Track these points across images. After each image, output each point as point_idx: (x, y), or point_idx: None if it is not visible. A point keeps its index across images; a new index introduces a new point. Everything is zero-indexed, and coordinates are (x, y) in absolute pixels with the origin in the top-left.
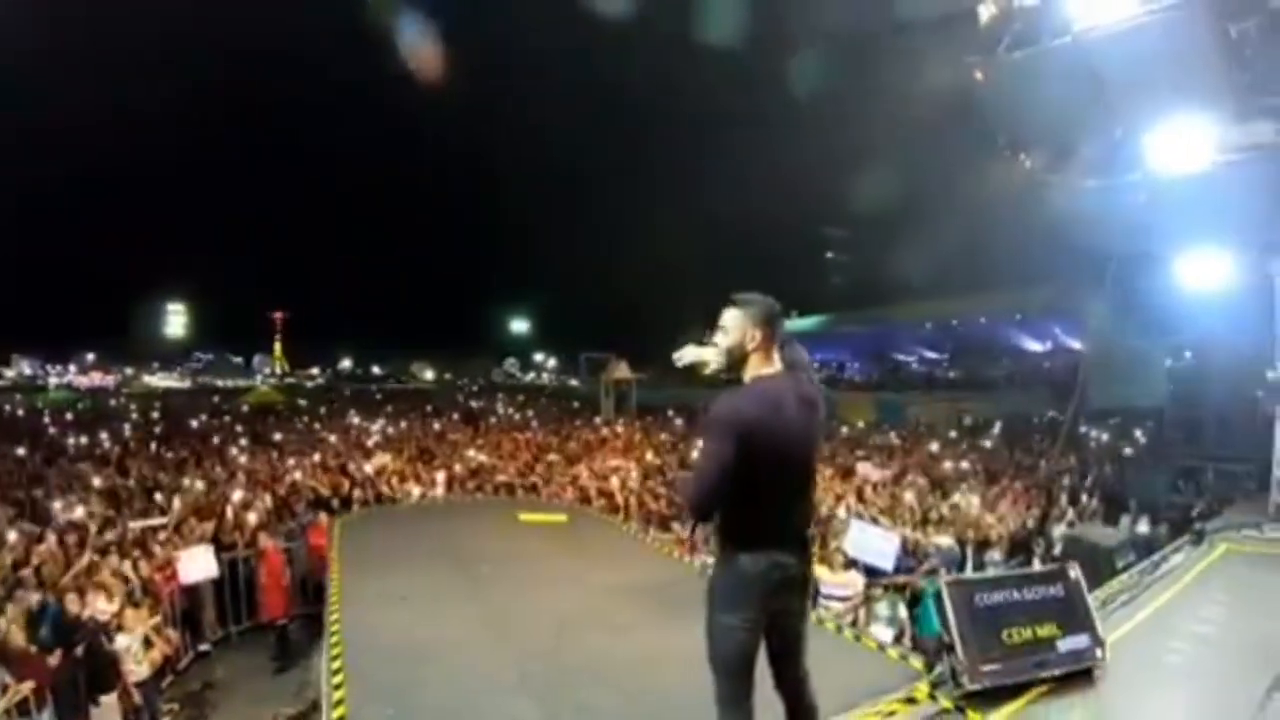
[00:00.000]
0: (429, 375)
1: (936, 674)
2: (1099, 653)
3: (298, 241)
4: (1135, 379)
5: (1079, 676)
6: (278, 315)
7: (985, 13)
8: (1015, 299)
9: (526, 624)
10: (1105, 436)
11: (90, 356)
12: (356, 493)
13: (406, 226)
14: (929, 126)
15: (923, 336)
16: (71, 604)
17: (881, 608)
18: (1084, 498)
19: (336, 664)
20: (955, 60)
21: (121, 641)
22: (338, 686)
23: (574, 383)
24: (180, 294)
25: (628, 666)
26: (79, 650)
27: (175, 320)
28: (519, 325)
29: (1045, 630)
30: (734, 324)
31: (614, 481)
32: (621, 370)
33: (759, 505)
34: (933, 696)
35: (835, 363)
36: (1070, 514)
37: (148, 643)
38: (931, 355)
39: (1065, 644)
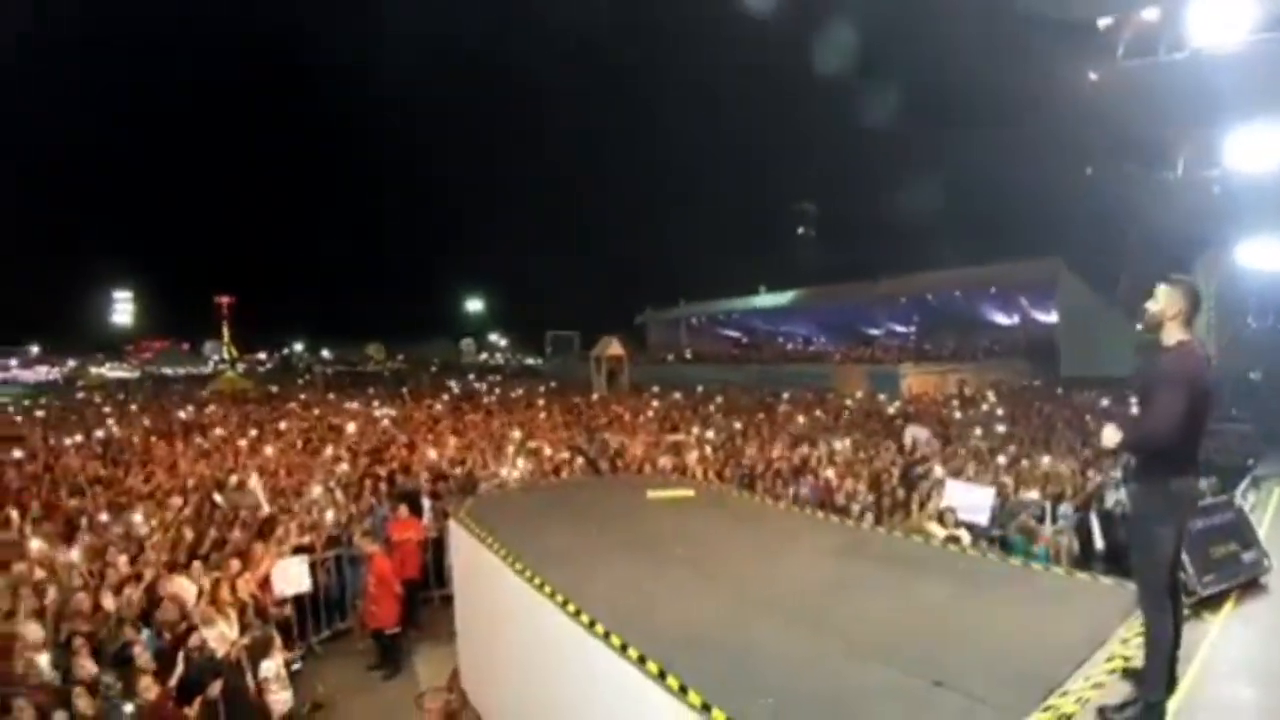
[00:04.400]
0: (381, 357)
1: None
2: (1266, 562)
3: (242, 225)
4: (1107, 349)
5: (1252, 584)
6: (224, 300)
7: (1103, 22)
8: (989, 274)
9: (794, 596)
10: (1106, 401)
11: (35, 350)
12: (425, 482)
13: (353, 206)
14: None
15: (894, 312)
16: (193, 636)
17: None
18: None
19: (654, 663)
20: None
21: (265, 668)
22: (685, 690)
23: (530, 361)
24: (125, 281)
25: (948, 619)
26: (215, 690)
27: (123, 308)
28: (474, 304)
29: (1232, 547)
30: (1163, 296)
31: (693, 455)
32: (614, 347)
33: (1187, 442)
34: None
35: (801, 336)
36: (1118, 472)
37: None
38: (900, 329)
39: (1246, 557)
